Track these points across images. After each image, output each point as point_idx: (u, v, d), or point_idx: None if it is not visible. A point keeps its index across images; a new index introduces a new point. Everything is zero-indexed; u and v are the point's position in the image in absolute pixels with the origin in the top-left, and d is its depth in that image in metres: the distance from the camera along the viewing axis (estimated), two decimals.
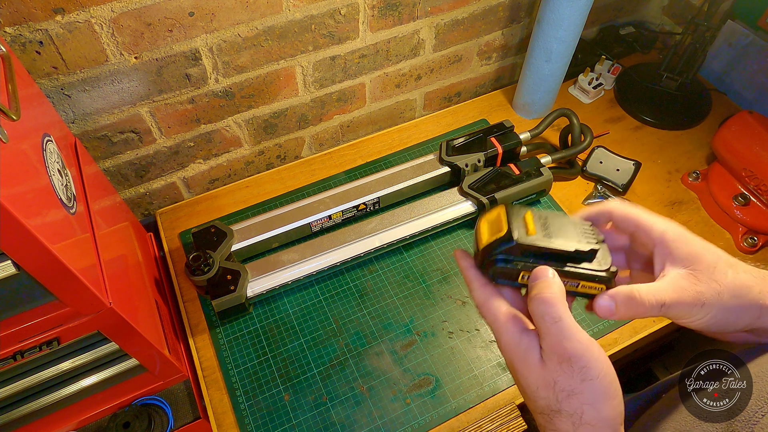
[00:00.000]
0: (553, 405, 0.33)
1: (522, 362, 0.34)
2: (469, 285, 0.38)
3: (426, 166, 0.89)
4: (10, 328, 0.46)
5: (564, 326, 0.33)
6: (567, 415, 0.32)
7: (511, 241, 0.35)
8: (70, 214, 0.49)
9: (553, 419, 0.33)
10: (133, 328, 0.55)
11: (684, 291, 0.34)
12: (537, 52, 0.93)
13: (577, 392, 0.32)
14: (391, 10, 0.84)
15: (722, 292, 0.34)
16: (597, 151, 0.93)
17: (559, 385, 0.33)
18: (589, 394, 0.32)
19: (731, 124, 0.88)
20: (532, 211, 0.38)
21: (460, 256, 0.39)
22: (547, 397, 0.33)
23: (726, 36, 1.03)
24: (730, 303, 0.35)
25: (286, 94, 0.88)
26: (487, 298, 0.36)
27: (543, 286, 0.34)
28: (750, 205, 0.85)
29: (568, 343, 0.32)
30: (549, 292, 0.34)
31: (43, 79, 0.67)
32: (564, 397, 0.32)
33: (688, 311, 0.34)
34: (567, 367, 0.32)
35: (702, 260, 0.35)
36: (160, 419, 0.69)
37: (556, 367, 0.33)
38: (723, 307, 0.35)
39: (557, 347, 0.33)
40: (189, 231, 0.86)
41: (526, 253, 0.36)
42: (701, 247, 0.36)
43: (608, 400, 0.32)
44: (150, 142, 0.82)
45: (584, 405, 0.32)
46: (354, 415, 0.70)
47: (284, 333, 0.77)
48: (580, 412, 0.32)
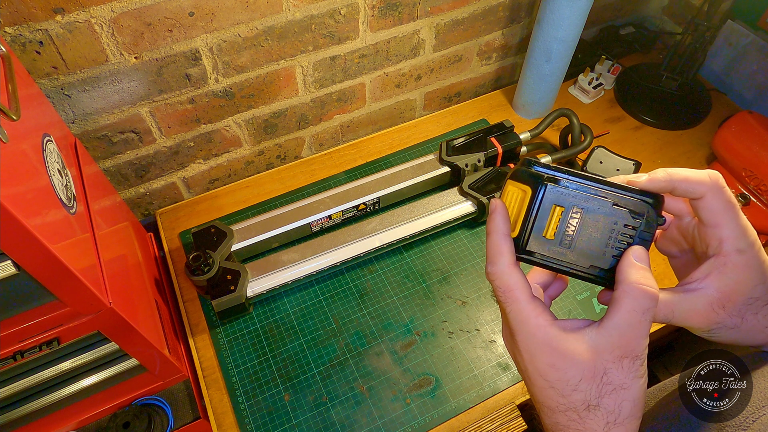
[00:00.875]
0: (593, 399, 0.30)
1: (561, 354, 0.31)
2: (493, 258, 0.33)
3: (426, 166, 0.89)
4: (10, 328, 0.46)
5: (648, 324, 0.30)
6: (605, 411, 0.30)
7: (517, 245, 0.33)
8: (70, 214, 0.49)
9: (586, 417, 0.31)
10: (133, 328, 0.55)
11: (699, 316, 0.33)
12: (537, 52, 0.93)
13: (626, 387, 0.30)
14: (391, 10, 0.84)
15: (739, 327, 0.33)
16: (597, 151, 0.93)
17: (608, 377, 0.30)
18: (635, 391, 0.30)
19: (731, 124, 0.88)
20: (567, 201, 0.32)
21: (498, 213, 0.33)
22: (589, 390, 0.30)
23: (726, 36, 1.03)
24: (741, 334, 0.34)
25: (286, 94, 0.88)
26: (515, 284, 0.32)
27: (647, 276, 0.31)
28: (750, 205, 0.85)
29: (644, 341, 0.30)
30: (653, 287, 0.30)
31: (43, 79, 0.67)
32: (609, 391, 0.30)
33: (694, 327, 0.34)
34: (628, 362, 0.30)
35: (743, 296, 0.33)
36: (160, 419, 0.69)
37: (614, 360, 0.30)
38: (730, 335, 0.34)
39: (630, 342, 0.30)
40: (189, 231, 0.86)
41: None
42: (756, 281, 0.33)
43: (643, 402, 0.31)
44: (150, 142, 0.82)
45: (625, 401, 0.30)
46: (354, 415, 0.70)
47: (284, 333, 0.77)
48: (619, 409, 0.30)
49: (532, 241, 0.32)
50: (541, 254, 0.32)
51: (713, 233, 0.32)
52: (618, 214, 0.32)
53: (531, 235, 0.32)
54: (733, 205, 0.32)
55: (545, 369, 0.31)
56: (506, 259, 0.32)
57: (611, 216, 0.32)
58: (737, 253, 0.32)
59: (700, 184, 0.31)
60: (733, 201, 0.32)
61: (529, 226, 0.32)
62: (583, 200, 0.32)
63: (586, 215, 0.32)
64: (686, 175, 0.32)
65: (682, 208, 0.35)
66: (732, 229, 0.32)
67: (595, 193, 0.32)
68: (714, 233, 0.32)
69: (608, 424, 0.30)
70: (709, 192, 0.31)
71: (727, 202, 0.32)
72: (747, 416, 0.33)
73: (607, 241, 0.32)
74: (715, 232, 0.32)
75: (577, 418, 0.31)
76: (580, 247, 0.32)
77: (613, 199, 0.32)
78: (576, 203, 0.32)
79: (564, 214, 0.32)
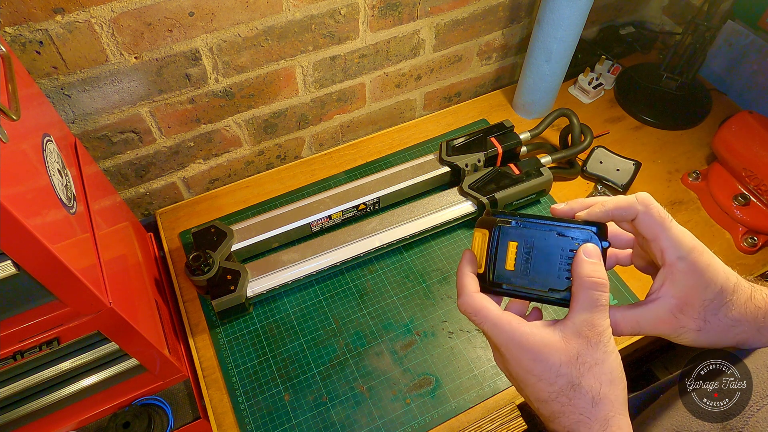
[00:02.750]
0: (575, 379, 0.34)
1: (540, 347, 0.35)
2: (460, 291, 0.38)
3: (426, 166, 0.89)
4: (10, 328, 0.46)
5: (607, 312, 0.35)
6: (587, 388, 0.34)
7: (485, 280, 0.38)
8: (70, 214, 0.49)
9: (573, 397, 0.34)
10: (133, 328, 0.55)
11: (663, 323, 0.36)
12: (537, 52, 0.93)
13: (598, 363, 0.34)
14: (391, 10, 0.84)
15: (704, 329, 0.36)
16: (597, 151, 0.93)
17: (582, 357, 0.34)
18: (608, 365, 0.34)
19: (731, 124, 0.88)
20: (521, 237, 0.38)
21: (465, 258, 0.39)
22: (570, 372, 0.34)
23: (726, 36, 1.03)
24: (708, 335, 0.36)
25: (286, 94, 0.88)
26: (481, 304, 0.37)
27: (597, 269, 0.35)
28: (750, 205, 0.85)
29: (603, 325, 0.34)
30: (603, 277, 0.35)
31: (43, 79, 0.67)
32: (586, 369, 0.34)
33: (663, 334, 0.37)
34: (596, 343, 0.34)
35: (699, 297, 0.36)
36: (160, 419, 0.69)
37: (582, 343, 0.34)
38: (698, 337, 0.36)
39: (595, 328, 0.34)
40: (189, 231, 0.86)
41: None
42: (707, 282, 0.35)
43: (620, 371, 0.35)
44: (150, 142, 0.82)
45: (603, 375, 0.34)
46: (354, 415, 0.70)
47: (284, 333, 0.77)
48: (599, 384, 0.34)
49: (497, 274, 0.38)
50: (507, 284, 0.38)
51: (655, 246, 0.36)
52: (564, 243, 0.37)
53: (495, 267, 0.38)
54: (665, 219, 0.36)
55: (530, 364, 0.35)
56: (470, 288, 0.38)
57: (558, 245, 0.37)
58: (679, 261, 0.35)
59: (630, 206, 0.36)
60: (663, 215, 0.36)
61: (492, 261, 0.38)
62: (533, 235, 0.37)
63: (538, 246, 0.37)
64: (617, 203, 0.37)
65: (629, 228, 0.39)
66: (667, 239, 0.35)
67: (542, 228, 0.37)
68: (656, 246, 0.36)
69: (593, 399, 0.33)
70: (641, 211, 0.36)
71: (658, 217, 0.35)
72: (748, 409, 0.33)
73: (558, 266, 0.37)
74: (656, 245, 0.36)
75: (567, 401, 0.34)
76: (536, 273, 0.37)
77: (558, 231, 0.37)
78: (527, 238, 0.37)
79: (519, 247, 0.38)
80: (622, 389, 0.34)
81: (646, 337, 0.77)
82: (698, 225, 0.89)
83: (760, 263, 0.84)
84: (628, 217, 0.36)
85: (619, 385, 0.34)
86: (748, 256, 0.85)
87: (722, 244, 0.86)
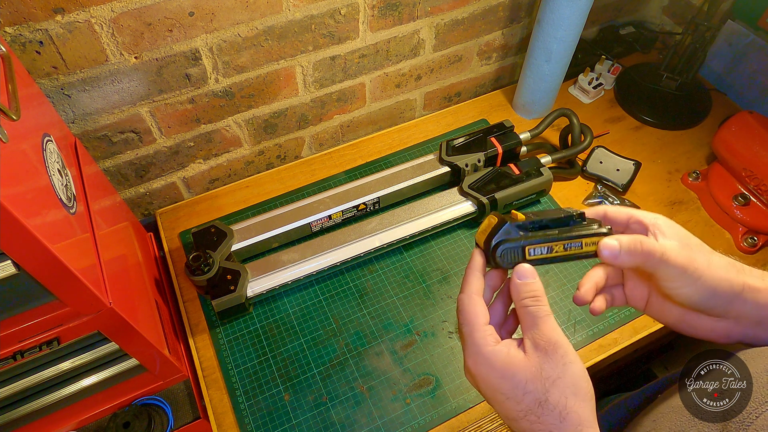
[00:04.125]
0: (541, 396, 0.35)
1: (506, 365, 0.36)
2: (463, 288, 0.40)
3: (426, 166, 0.89)
4: (10, 328, 0.46)
5: (552, 319, 0.37)
6: (554, 403, 0.34)
7: (505, 222, 0.39)
8: (70, 214, 0.49)
9: (542, 414, 0.35)
10: (133, 328, 0.55)
11: (680, 252, 0.37)
12: (537, 52, 0.93)
13: (561, 376, 0.35)
14: (391, 10, 0.84)
15: (711, 265, 0.38)
16: (597, 151, 0.93)
17: (545, 371, 0.35)
18: (570, 377, 0.35)
19: (731, 124, 0.88)
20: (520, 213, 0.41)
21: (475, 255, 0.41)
22: (535, 389, 0.35)
23: (726, 36, 1.03)
24: (711, 280, 0.37)
25: (286, 94, 0.88)
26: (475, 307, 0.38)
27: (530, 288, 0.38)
28: (750, 205, 0.85)
29: (553, 333, 0.36)
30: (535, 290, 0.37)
31: (43, 79, 0.67)
32: (550, 384, 0.35)
33: (680, 275, 0.37)
34: (552, 353, 0.35)
35: (690, 240, 0.39)
36: (160, 419, 0.69)
37: (541, 356, 0.35)
38: (705, 283, 0.37)
39: (545, 336, 0.36)
40: (189, 231, 0.86)
41: (523, 227, 0.39)
42: (688, 234, 0.39)
43: (584, 383, 0.35)
44: (150, 142, 0.82)
45: (567, 389, 0.35)
46: (354, 415, 0.70)
47: (284, 333, 0.77)
48: (565, 398, 0.34)
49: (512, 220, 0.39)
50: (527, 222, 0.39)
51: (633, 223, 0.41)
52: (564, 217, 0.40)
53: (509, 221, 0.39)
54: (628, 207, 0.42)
55: (498, 382, 0.36)
56: (473, 288, 0.39)
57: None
58: (656, 218, 0.40)
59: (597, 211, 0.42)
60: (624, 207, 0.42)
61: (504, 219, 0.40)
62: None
63: None
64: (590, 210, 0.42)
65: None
66: (637, 212, 0.41)
67: None
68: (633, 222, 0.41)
69: (561, 414, 0.34)
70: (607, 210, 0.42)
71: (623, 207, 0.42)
72: (749, 413, 0.33)
73: None
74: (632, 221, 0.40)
75: (535, 419, 0.35)
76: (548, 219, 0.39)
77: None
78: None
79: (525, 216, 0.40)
80: (589, 400, 0.35)
81: (646, 337, 0.77)
82: (698, 225, 0.89)
83: (760, 263, 0.84)
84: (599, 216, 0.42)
85: (584, 397, 0.35)
86: (748, 256, 0.85)
87: (722, 244, 0.86)
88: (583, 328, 0.77)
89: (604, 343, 0.76)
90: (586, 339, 0.76)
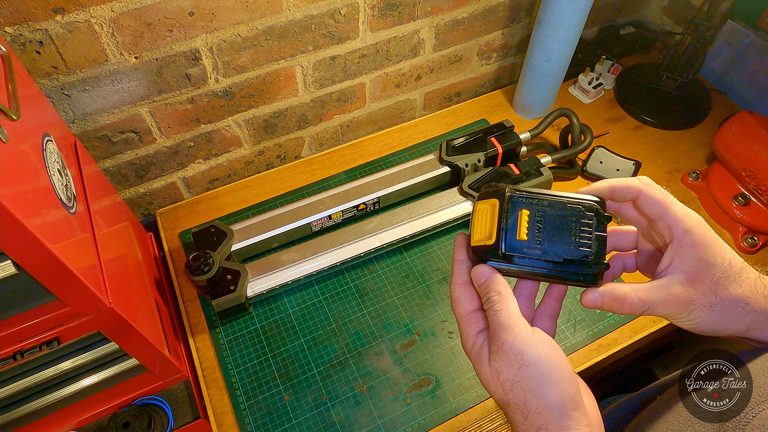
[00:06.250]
0: (502, 397, 0.35)
1: (477, 359, 0.36)
2: (452, 278, 0.40)
3: (426, 166, 0.89)
4: (10, 328, 0.46)
5: (502, 317, 0.35)
6: (514, 405, 0.34)
7: (496, 251, 0.36)
8: (70, 214, 0.49)
9: (507, 412, 0.35)
10: (133, 328, 0.55)
11: (675, 297, 0.35)
12: (537, 52, 0.93)
13: (517, 380, 0.34)
14: (391, 10, 0.84)
15: (716, 304, 0.35)
16: (597, 151, 0.93)
17: (503, 375, 0.34)
18: (529, 380, 0.33)
19: (731, 124, 0.88)
20: (530, 206, 0.37)
21: (458, 244, 0.40)
22: (496, 390, 0.35)
23: (726, 36, 1.03)
24: (720, 314, 0.35)
25: (286, 94, 0.88)
26: (459, 296, 0.38)
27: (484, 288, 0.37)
28: (750, 205, 0.85)
29: (502, 332, 0.34)
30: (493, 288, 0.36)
31: (43, 79, 0.67)
32: (509, 387, 0.34)
33: (675, 314, 0.36)
34: (504, 355, 0.34)
35: (709, 271, 0.35)
36: (160, 419, 0.69)
37: (498, 358, 0.35)
38: (712, 317, 0.35)
39: (494, 337, 0.35)
40: (189, 231, 0.86)
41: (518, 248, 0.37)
42: (715, 255, 0.35)
43: (550, 385, 0.33)
44: (150, 142, 0.82)
45: (526, 393, 0.33)
46: (354, 415, 0.70)
47: (284, 333, 0.77)
48: (524, 400, 0.34)
49: (509, 244, 0.36)
50: (520, 256, 0.36)
51: (661, 224, 0.36)
52: (574, 212, 0.37)
53: (506, 236, 0.36)
54: (667, 195, 0.37)
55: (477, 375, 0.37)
56: (461, 278, 0.39)
57: (569, 214, 0.36)
58: (686, 234, 0.35)
59: (631, 185, 0.37)
60: (665, 192, 0.37)
61: (504, 228, 0.36)
62: (543, 205, 0.37)
63: (549, 215, 0.37)
64: (620, 180, 0.38)
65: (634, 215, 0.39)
66: (672, 214, 0.36)
67: (550, 198, 0.37)
68: (662, 224, 0.36)
69: (523, 414, 0.34)
70: (642, 189, 0.37)
71: (660, 193, 0.37)
72: (747, 412, 0.33)
73: (572, 234, 0.36)
74: (663, 223, 0.36)
75: (505, 413, 0.36)
76: (551, 242, 0.36)
77: (567, 202, 0.37)
78: (538, 207, 0.37)
79: (530, 216, 0.36)
80: (556, 394, 0.33)
81: (646, 337, 0.77)
82: None
83: (760, 263, 0.84)
84: (631, 194, 0.37)
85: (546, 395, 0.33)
86: (748, 256, 0.85)
87: None
88: (583, 328, 0.77)
89: (604, 343, 0.76)
90: (586, 339, 0.76)
